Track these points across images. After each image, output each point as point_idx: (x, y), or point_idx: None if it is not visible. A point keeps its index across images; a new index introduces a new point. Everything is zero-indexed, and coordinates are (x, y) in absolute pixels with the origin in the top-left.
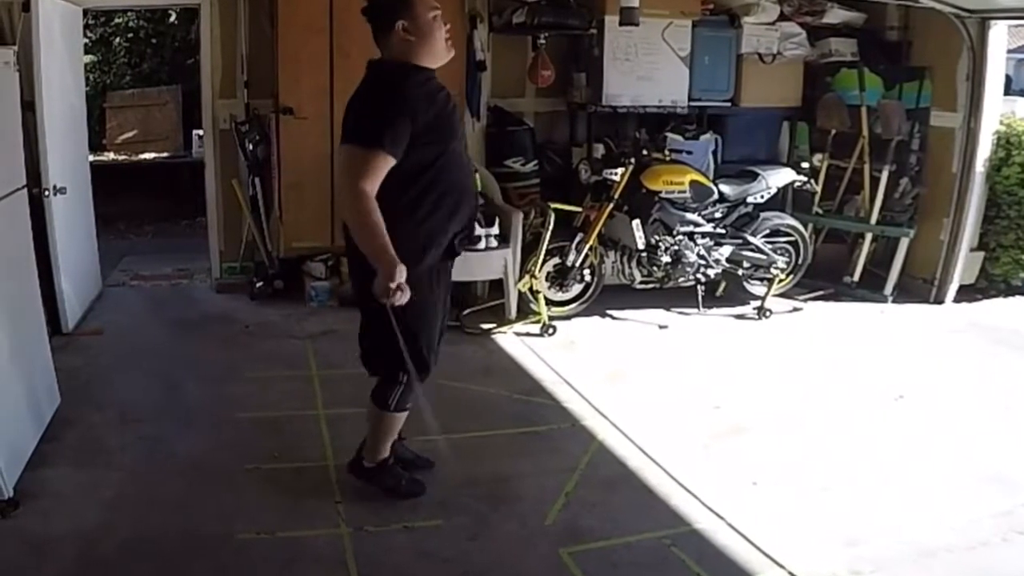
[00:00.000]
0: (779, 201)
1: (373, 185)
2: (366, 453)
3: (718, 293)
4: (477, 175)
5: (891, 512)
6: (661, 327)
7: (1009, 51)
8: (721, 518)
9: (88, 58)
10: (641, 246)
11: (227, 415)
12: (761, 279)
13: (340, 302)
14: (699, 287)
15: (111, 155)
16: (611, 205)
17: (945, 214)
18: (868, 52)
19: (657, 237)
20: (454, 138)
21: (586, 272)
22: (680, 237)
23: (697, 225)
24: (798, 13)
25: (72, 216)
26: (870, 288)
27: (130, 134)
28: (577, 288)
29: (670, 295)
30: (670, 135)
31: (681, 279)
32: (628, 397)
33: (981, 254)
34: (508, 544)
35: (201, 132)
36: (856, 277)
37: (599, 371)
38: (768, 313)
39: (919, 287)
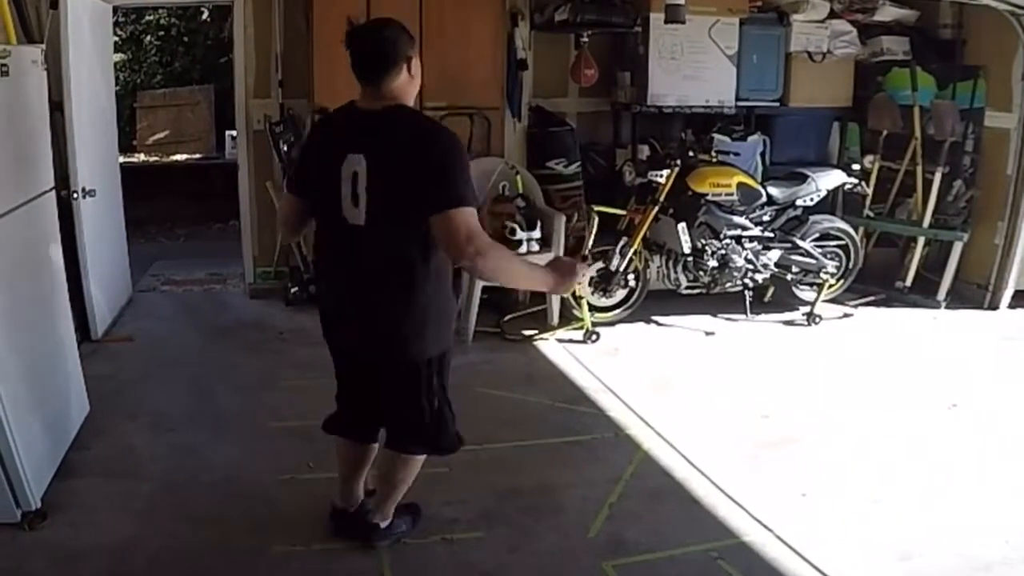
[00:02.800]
0: (829, 204)
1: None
2: (379, 511)
3: (766, 299)
4: (518, 177)
5: (945, 524)
6: (708, 334)
7: None
8: (770, 530)
9: (118, 57)
10: (687, 250)
11: (261, 424)
12: (810, 284)
13: None
14: (747, 292)
15: (142, 156)
16: (656, 208)
17: (1000, 217)
18: (921, 51)
19: (703, 241)
20: None
21: (630, 277)
22: (727, 241)
23: (745, 229)
24: (849, 10)
25: (101, 219)
26: (923, 293)
27: (161, 135)
28: (621, 293)
29: (717, 301)
30: (717, 136)
31: (728, 284)
32: (674, 406)
33: None
34: (550, 557)
35: (234, 133)
36: (908, 282)
37: (644, 379)
38: (818, 319)
39: (973, 292)
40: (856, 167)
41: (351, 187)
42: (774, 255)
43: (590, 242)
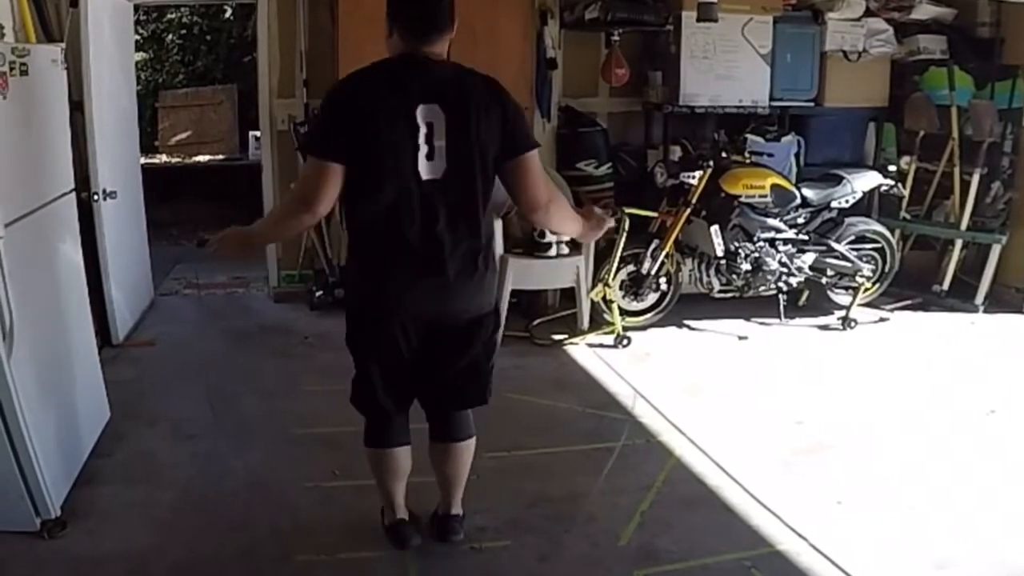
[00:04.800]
0: (865, 206)
1: None
2: (457, 503)
3: (801, 302)
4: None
5: (982, 532)
6: (741, 338)
7: None
8: (804, 539)
9: (139, 56)
10: (720, 253)
11: (285, 430)
12: (846, 288)
13: None
14: (781, 296)
15: (163, 157)
16: (688, 210)
17: None
18: (958, 49)
19: (737, 244)
20: None
21: (662, 280)
22: (761, 244)
23: (779, 231)
24: (885, 8)
25: (123, 221)
26: (960, 297)
27: (183, 135)
28: (653, 297)
29: (750, 304)
30: (750, 137)
31: (762, 288)
32: (706, 412)
33: None
34: (579, 566)
35: (258, 133)
36: (945, 286)
37: (676, 384)
38: (853, 323)
39: (1012, 296)
40: (892, 168)
41: (427, 139)
42: (809, 258)
43: (621, 245)
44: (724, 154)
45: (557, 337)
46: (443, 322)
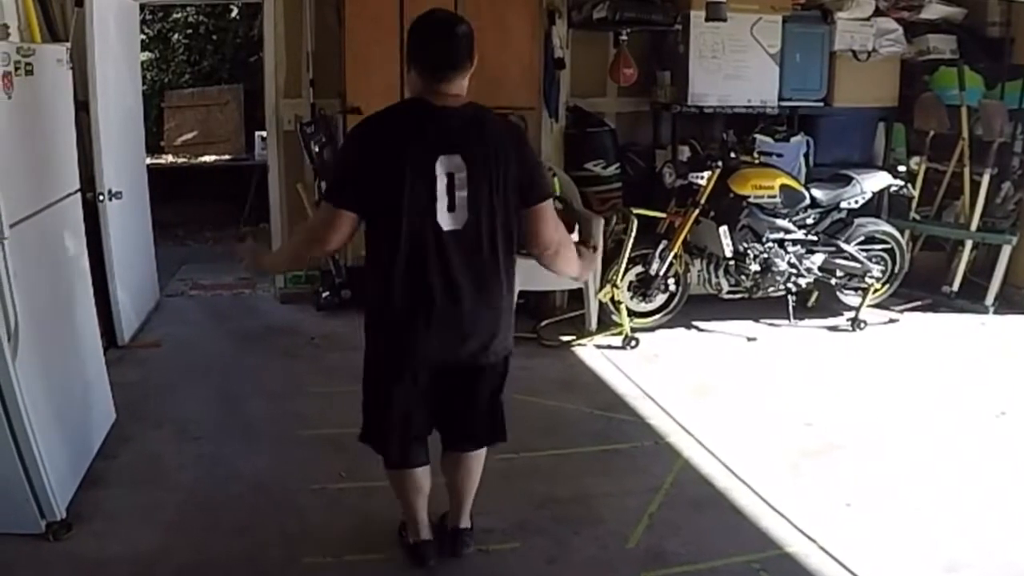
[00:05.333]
0: (874, 206)
1: None
2: (465, 515)
3: (810, 303)
4: (556, 179)
5: (992, 534)
6: (750, 339)
7: None
8: (813, 541)
9: (145, 55)
10: (729, 254)
11: (291, 432)
12: (855, 289)
13: None
14: (790, 297)
15: (169, 157)
16: (697, 211)
17: None
18: (968, 49)
19: (745, 244)
20: None
21: (670, 281)
22: (770, 244)
23: (788, 232)
24: (894, 8)
25: (128, 222)
26: (970, 298)
27: (189, 135)
28: (661, 298)
29: (759, 305)
30: (759, 137)
31: (771, 289)
32: (715, 413)
33: None
34: (588, 568)
35: (264, 133)
36: (955, 287)
37: (684, 386)
38: (863, 324)
39: (1022, 298)
40: (902, 169)
41: (447, 190)
42: (818, 259)
43: (629, 246)
44: (733, 154)
45: (565, 338)
46: (461, 367)
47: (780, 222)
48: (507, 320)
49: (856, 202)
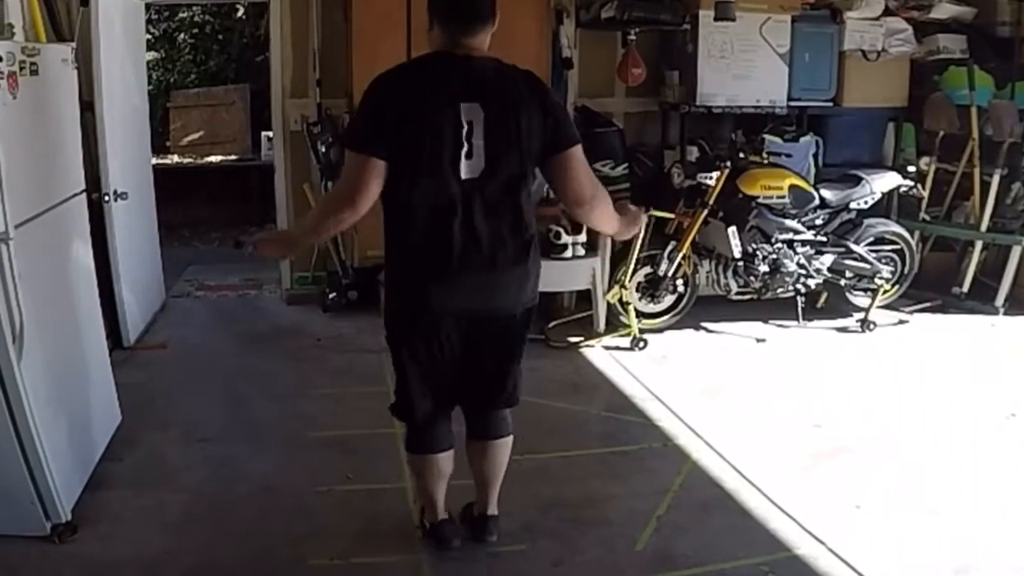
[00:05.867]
0: (884, 207)
1: None
2: (493, 502)
3: (819, 304)
4: None
5: (1003, 537)
6: (759, 340)
7: None
8: (822, 543)
9: (151, 55)
10: (737, 255)
11: (298, 434)
12: (865, 290)
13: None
14: (799, 298)
15: (175, 158)
16: (706, 211)
17: None
18: (978, 49)
19: (754, 245)
20: None
21: (679, 282)
22: (779, 245)
23: (797, 232)
24: (904, 8)
25: (134, 223)
26: (980, 300)
27: (195, 136)
28: (669, 299)
29: (768, 307)
30: (768, 137)
31: (780, 290)
32: (723, 415)
33: None
34: (595, 571)
35: (270, 134)
36: (965, 288)
37: (693, 387)
38: (872, 326)
39: None
40: (912, 169)
41: (467, 138)
42: (827, 260)
43: (637, 246)
44: (742, 155)
45: (573, 339)
46: (483, 318)
47: (789, 223)
48: (532, 269)
49: (865, 203)
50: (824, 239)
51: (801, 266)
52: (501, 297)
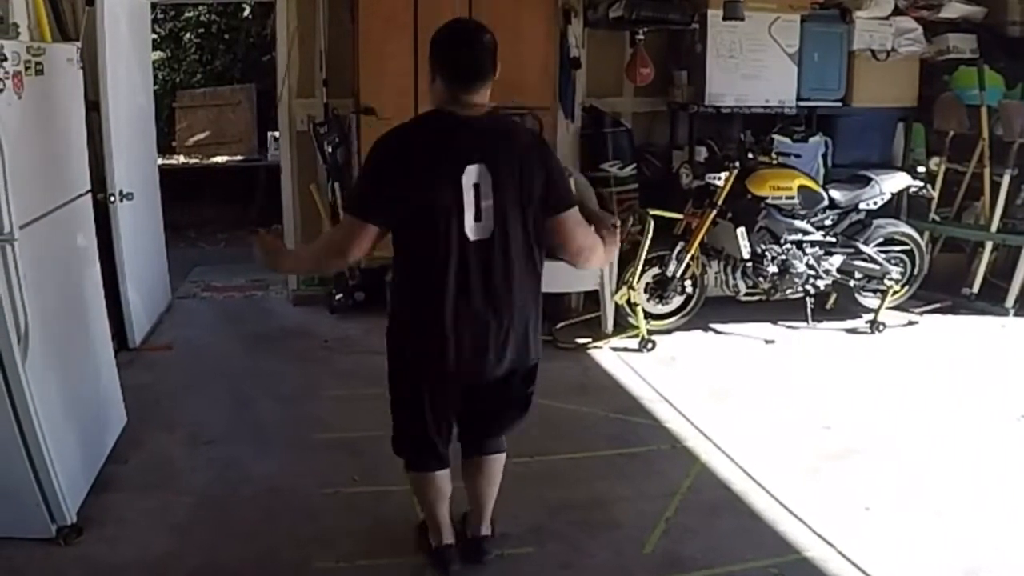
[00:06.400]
0: (893, 208)
1: None
2: (486, 521)
3: (828, 305)
4: (571, 180)
5: (1013, 539)
6: (767, 342)
7: None
8: (832, 546)
9: (156, 55)
10: (746, 255)
11: (304, 436)
12: (874, 291)
13: None
14: (808, 299)
15: (181, 158)
16: (714, 212)
17: None
18: (988, 49)
19: (763, 246)
20: None
21: (687, 283)
22: (788, 246)
23: (806, 233)
24: (914, 7)
25: (139, 223)
26: (990, 300)
27: (201, 136)
28: (678, 300)
29: (777, 308)
30: (777, 137)
31: (789, 291)
32: (732, 416)
33: None
34: (604, 574)
35: (277, 134)
36: (975, 289)
37: (701, 389)
38: (881, 327)
39: None
40: (921, 169)
41: (473, 200)
42: (836, 260)
43: (646, 247)
44: (750, 155)
45: (581, 341)
46: (490, 377)
47: (798, 223)
48: (535, 327)
49: (875, 203)
50: (833, 240)
51: (810, 267)
52: (508, 358)
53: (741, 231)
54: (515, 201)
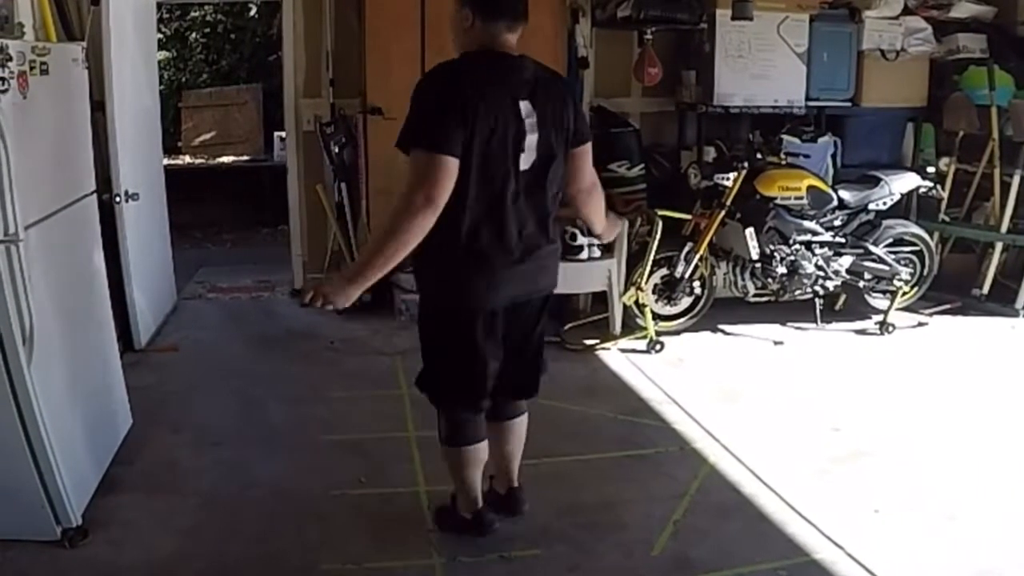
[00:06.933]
0: (903, 208)
1: None
2: (516, 474)
3: (837, 307)
4: None
5: (1023, 542)
6: (776, 343)
7: None
8: (841, 548)
9: (162, 54)
10: (755, 256)
11: (311, 437)
12: (883, 292)
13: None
14: (817, 300)
15: (187, 158)
16: (723, 212)
17: None
18: (998, 48)
19: (772, 247)
20: None
21: (696, 284)
22: (797, 247)
23: (815, 234)
24: (923, 7)
25: (145, 224)
26: (1000, 301)
27: (207, 136)
28: (686, 301)
29: (786, 309)
30: (786, 137)
31: (798, 292)
32: (741, 418)
33: None
34: None
35: (283, 134)
36: (985, 290)
37: (710, 390)
38: (891, 328)
39: None
40: (931, 170)
41: (523, 132)
42: (845, 261)
43: (654, 248)
44: (759, 155)
45: (588, 342)
46: (525, 302)
47: (807, 224)
48: (557, 250)
49: (884, 204)
50: (842, 240)
51: (819, 268)
52: (544, 279)
53: (750, 232)
54: (555, 137)
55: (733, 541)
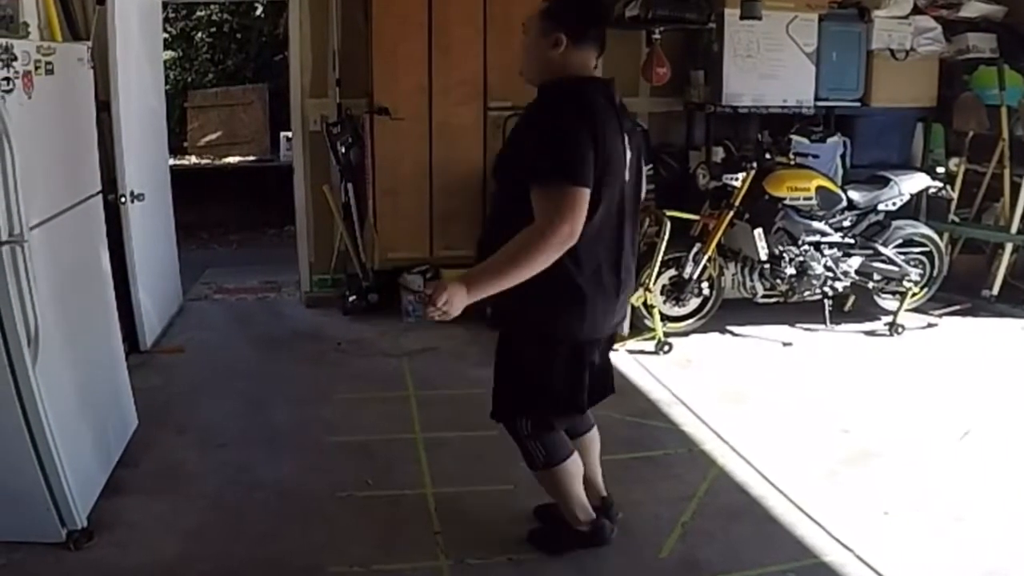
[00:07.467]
0: (912, 209)
1: None
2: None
3: (846, 308)
4: None
5: None
6: (785, 344)
7: None
8: (850, 550)
9: (168, 54)
10: (764, 257)
11: (317, 439)
12: (893, 293)
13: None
14: (826, 301)
15: (193, 159)
16: (731, 213)
17: None
18: (1008, 48)
19: (781, 247)
20: None
21: (704, 285)
22: (806, 247)
23: (824, 234)
24: (933, 6)
25: (151, 224)
26: (1011, 302)
27: (213, 136)
28: (694, 302)
29: (795, 310)
30: (795, 137)
31: (807, 293)
32: (749, 420)
33: None
34: None
35: (289, 134)
36: (995, 291)
37: (718, 392)
38: (900, 329)
39: None
40: (941, 170)
41: (624, 165)
42: (855, 262)
43: (662, 249)
44: (768, 155)
45: None
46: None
47: (816, 224)
48: None
49: (894, 204)
50: (852, 241)
51: (828, 268)
52: (624, 310)
53: (759, 232)
54: (640, 164)
55: (742, 543)
